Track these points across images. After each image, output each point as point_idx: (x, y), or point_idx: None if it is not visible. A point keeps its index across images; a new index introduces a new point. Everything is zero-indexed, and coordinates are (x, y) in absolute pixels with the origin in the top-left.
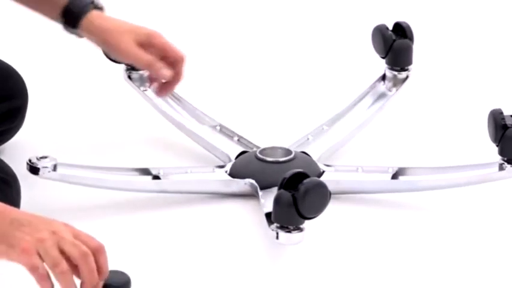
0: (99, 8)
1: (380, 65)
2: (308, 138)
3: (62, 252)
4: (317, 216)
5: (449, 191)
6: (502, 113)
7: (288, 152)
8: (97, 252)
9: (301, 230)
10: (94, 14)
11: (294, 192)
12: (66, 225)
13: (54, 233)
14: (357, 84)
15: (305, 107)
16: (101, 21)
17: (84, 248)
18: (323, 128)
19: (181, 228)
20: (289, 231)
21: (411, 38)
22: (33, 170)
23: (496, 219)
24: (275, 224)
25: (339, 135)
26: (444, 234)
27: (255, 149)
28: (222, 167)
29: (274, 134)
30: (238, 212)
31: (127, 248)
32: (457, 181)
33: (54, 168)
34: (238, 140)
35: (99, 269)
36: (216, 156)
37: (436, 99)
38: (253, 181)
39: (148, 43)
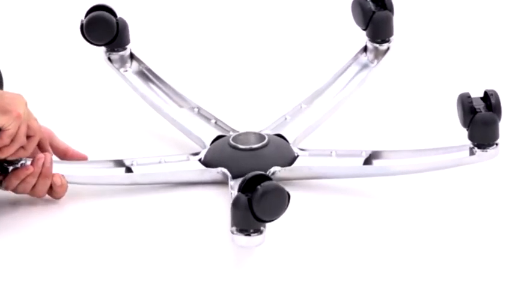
0: None
1: (361, 38)
2: (286, 118)
3: None
4: (276, 219)
5: (419, 175)
6: (469, 96)
7: (261, 137)
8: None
9: (261, 232)
10: None
11: (250, 195)
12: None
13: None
14: (338, 59)
15: (285, 85)
16: None
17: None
18: (301, 107)
19: (151, 216)
20: (249, 234)
21: (391, 9)
22: (7, 160)
23: (466, 204)
24: (234, 227)
25: (318, 113)
26: (416, 220)
27: (231, 133)
28: (196, 154)
29: (253, 112)
30: (210, 199)
31: (96, 235)
32: (427, 166)
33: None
34: (215, 122)
35: None
36: (192, 141)
37: (410, 84)
38: (225, 170)
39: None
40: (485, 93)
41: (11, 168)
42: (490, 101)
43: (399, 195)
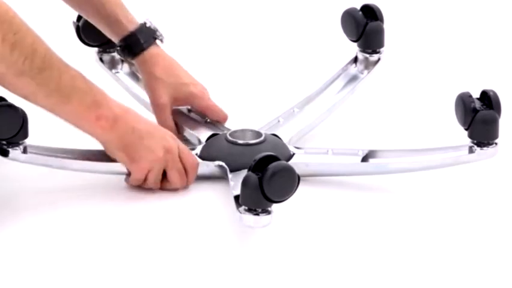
0: (160, 39)
1: (351, 47)
2: (279, 121)
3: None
4: (285, 200)
5: (419, 173)
6: (471, 96)
7: (258, 134)
8: (191, 170)
9: (269, 212)
10: (149, 52)
11: (260, 175)
12: (174, 138)
13: (167, 151)
14: (329, 67)
15: (277, 90)
16: (152, 66)
17: (182, 175)
18: (293, 111)
19: (150, 211)
20: (257, 214)
21: (381, 20)
22: (3, 152)
23: (464, 202)
24: (243, 207)
25: (310, 117)
26: (413, 217)
27: (225, 132)
28: (192, 149)
29: (246, 116)
30: (207, 194)
31: (92, 233)
32: (426, 164)
33: (25, 150)
34: (208, 122)
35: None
36: (187, 139)
37: (406, 82)
38: (223, 163)
39: (186, 103)
40: (484, 92)
41: (10, 150)
42: (490, 100)
43: (397, 193)
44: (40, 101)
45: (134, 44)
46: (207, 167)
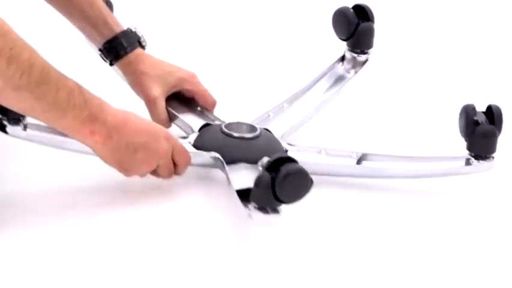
0: (142, 46)
1: (338, 44)
2: (269, 115)
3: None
4: (294, 202)
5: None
6: (474, 108)
7: (253, 128)
8: (182, 166)
9: (278, 212)
10: (134, 53)
11: (274, 175)
12: (169, 139)
13: (160, 158)
14: (317, 63)
15: (266, 84)
16: (137, 64)
17: (170, 172)
18: (283, 106)
19: (150, 212)
20: (267, 213)
21: (372, 21)
22: (2, 127)
23: (465, 203)
24: (252, 204)
25: (299, 114)
26: (414, 218)
27: (217, 122)
28: (185, 137)
29: (234, 109)
30: (206, 192)
31: (92, 234)
32: (422, 172)
33: (25, 127)
34: (199, 111)
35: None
36: (178, 126)
37: (403, 83)
38: (218, 155)
39: (178, 89)
40: (489, 107)
41: (8, 126)
42: (492, 115)
43: (396, 192)
44: (38, 115)
45: (119, 46)
46: (202, 158)
